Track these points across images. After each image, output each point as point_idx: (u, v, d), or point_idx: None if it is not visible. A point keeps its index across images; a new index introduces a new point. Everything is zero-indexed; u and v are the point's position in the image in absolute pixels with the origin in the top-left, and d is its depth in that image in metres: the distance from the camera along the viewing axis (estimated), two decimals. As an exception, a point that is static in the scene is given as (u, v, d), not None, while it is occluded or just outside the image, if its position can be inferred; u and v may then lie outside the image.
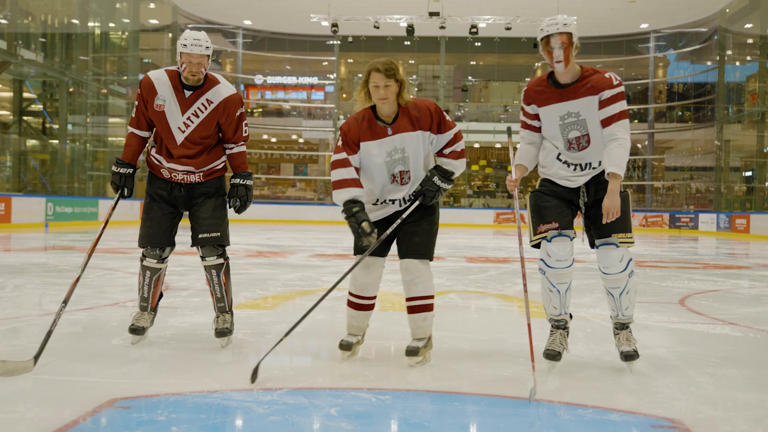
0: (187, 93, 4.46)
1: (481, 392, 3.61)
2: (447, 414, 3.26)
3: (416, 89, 39.71)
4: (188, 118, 4.47)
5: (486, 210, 33.34)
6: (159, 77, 4.49)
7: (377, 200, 4.27)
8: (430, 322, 4.17)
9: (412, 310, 4.17)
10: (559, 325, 4.22)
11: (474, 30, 30.20)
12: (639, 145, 37.53)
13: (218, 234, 4.58)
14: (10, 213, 19.00)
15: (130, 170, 4.62)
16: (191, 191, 4.67)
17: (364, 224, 3.97)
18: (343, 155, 4.13)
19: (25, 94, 25.08)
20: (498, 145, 39.02)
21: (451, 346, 4.77)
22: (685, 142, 36.50)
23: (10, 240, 15.44)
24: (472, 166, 39.93)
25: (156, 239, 4.64)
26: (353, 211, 3.99)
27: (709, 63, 33.97)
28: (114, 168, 4.62)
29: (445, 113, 4.24)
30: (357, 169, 4.17)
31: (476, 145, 39.14)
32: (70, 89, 26.09)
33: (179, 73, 4.44)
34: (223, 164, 4.74)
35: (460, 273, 9.96)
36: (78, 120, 26.83)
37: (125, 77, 30.00)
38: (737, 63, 32.32)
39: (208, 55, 4.39)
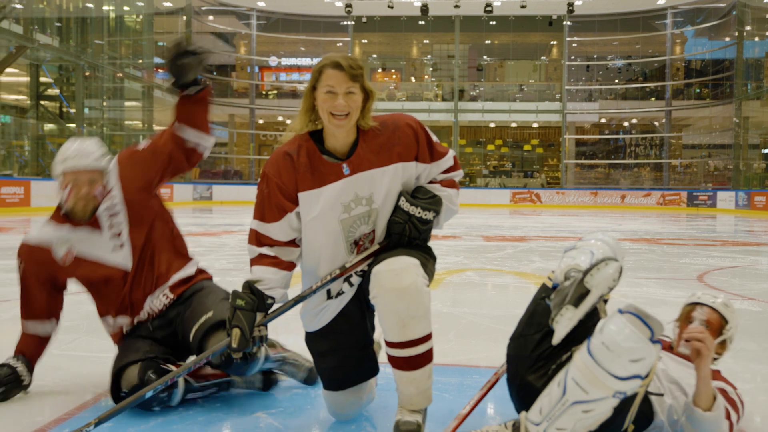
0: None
1: (498, 366, 3.64)
2: (467, 387, 3.31)
3: (431, 69, 39.58)
4: (110, 226, 3.09)
5: (502, 190, 33.30)
6: (44, 235, 3.09)
7: (318, 287, 2.62)
8: (431, 379, 2.57)
9: (408, 364, 2.50)
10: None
11: (489, 8, 30.11)
12: (656, 123, 37.30)
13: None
14: (30, 197, 19.19)
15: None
16: (165, 316, 3.12)
17: (235, 332, 2.46)
18: (260, 225, 2.61)
19: (42, 79, 25.26)
20: (513, 125, 38.89)
21: (469, 321, 4.82)
22: (703, 120, 36.26)
23: (30, 223, 15.60)
24: (487, 145, 39.85)
25: (136, 357, 2.93)
26: (234, 305, 2.50)
27: (727, 39, 33.66)
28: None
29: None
30: (288, 243, 2.62)
31: (492, 125, 39.04)
32: (86, 73, 26.21)
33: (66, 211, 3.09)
34: (196, 268, 3.24)
35: (477, 251, 9.99)
36: (94, 104, 26.99)
37: (140, 60, 30.10)
38: (756, 39, 32.00)
39: (101, 170, 3.07)
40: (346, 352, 2.71)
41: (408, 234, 2.58)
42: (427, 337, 2.48)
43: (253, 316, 2.50)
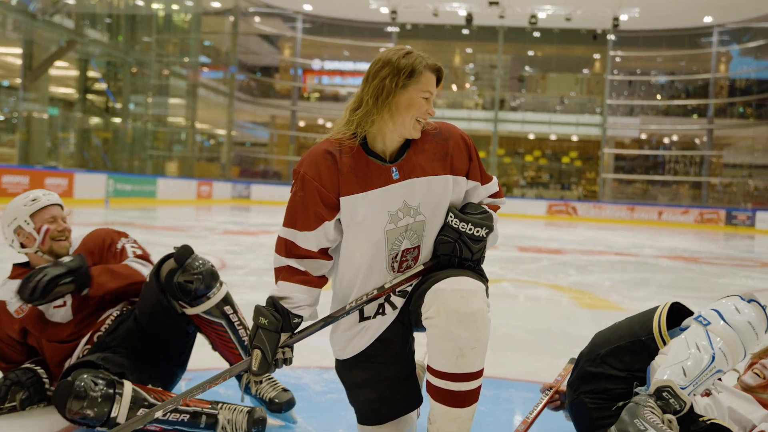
0: None
1: (532, 380, 3.69)
2: (503, 400, 3.35)
3: (473, 78, 39.57)
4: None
5: (538, 201, 33.17)
6: (3, 290, 2.99)
7: (352, 307, 2.33)
8: (473, 421, 2.28)
9: (455, 399, 2.21)
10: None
11: (533, 20, 30.03)
12: (697, 141, 36.94)
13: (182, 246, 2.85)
14: (73, 188, 19.51)
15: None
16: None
17: (256, 354, 2.24)
18: (290, 234, 2.32)
19: (90, 73, 25.73)
20: (553, 137, 38.72)
21: (504, 333, 4.87)
22: (745, 139, 35.80)
23: (73, 215, 15.87)
24: (526, 156, 39.72)
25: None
26: (257, 323, 2.26)
27: (773, 59, 33.29)
28: None
29: None
30: (320, 253, 2.34)
31: (531, 136, 38.91)
32: (133, 69, 26.64)
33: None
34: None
35: (513, 262, 10.01)
36: (140, 100, 27.42)
37: (186, 59, 30.50)
38: (803, 60, 31.56)
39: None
40: (386, 383, 2.40)
41: (459, 254, 2.28)
42: (481, 373, 2.20)
43: (277, 337, 2.26)
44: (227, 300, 2.86)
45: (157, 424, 2.59)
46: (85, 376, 2.54)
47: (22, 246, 2.96)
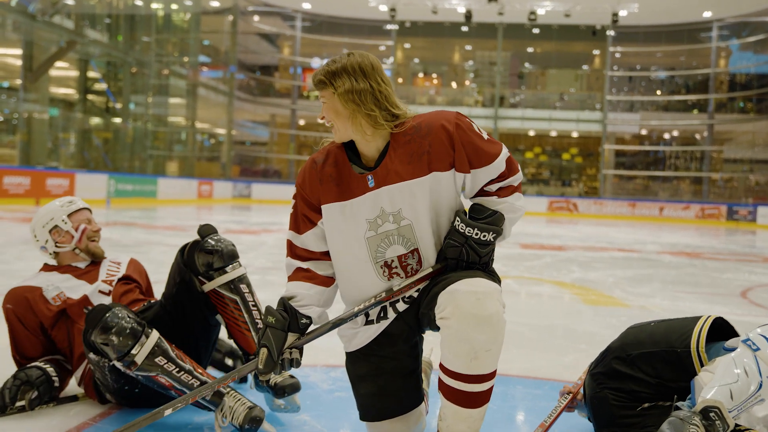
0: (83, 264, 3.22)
1: (536, 376, 3.69)
2: (510, 396, 3.35)
3: (472, 75, 39.53)
4: (107, 274, 3.21)
5: (539, 197, 33.13)
6: (35, 279, 3.09)
7: (360, 310, 2.33)
8: (483, 420, 2.27)
9: (468, 400, 2.20)
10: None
11: (532, 17, 30.02)
12: (697, 136, 36.91)
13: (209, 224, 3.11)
14: (74, 189, 19.51)
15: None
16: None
17: (262, 352, 2.24)
18: (294, 237, 2.42)
19: (90, 74, 25.72)
20: (553, 133, 38.70)
21: (509, 330, 4.81)
22: (746, 134, 35.76)
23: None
24: (526, 153, 39.70)
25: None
26: (266, 322, 2.28)
27: (773, 53, 33.25)
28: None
29: (480, 129, 2.33)
30: (323, 254, 2.41)
31: (531, 133, 38.90)
32: (133, 70, 26.63)
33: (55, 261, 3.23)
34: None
35: (515, 259, 9.99)
36: (140, 100, 27.41)
37: (186, 59, 30.49)
38: (803, 54, 31.50)
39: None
40: (386, 377, 2.41)
41: (466, 258, 2.26)
42: (493, 374, 2.19)
43: (284, 336, 2.26)
44: (243, 279, 2.99)
45: (167, 378, 2.66)
46: (123, 308, 2.69)
47: (57, 245, 3.14)
